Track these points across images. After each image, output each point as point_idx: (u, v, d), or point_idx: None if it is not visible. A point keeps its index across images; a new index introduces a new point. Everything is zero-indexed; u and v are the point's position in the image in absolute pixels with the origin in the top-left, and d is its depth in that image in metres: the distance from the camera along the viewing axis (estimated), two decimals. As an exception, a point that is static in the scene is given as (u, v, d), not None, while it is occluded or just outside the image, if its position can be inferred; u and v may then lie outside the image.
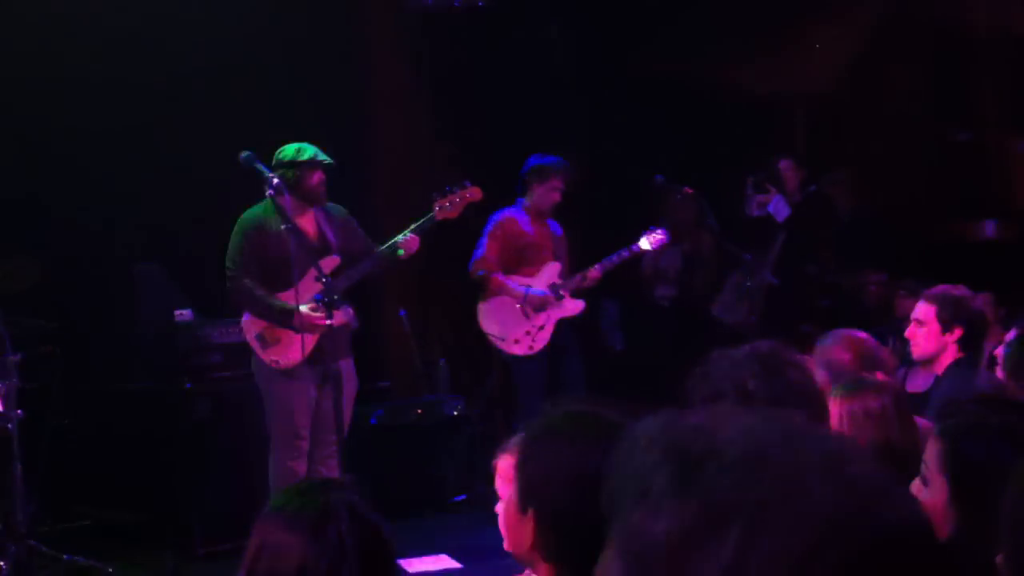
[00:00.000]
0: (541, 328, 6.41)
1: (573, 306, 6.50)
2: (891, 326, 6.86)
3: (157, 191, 6.78)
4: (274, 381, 5.37)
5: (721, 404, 2.40)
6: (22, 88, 6.46)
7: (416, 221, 5.55)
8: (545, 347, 6.41)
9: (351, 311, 5.47)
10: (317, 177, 5.38)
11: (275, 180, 5.03)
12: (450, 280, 7.97)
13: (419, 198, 7.92)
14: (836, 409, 2.92)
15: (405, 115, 8.28)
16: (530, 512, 1.70)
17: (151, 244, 6.80)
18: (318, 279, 5.01)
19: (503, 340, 6.42)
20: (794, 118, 9.22)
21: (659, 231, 6.56)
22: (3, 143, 6.40)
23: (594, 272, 6.50)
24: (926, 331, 4.14)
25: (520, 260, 6.48)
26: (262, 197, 5.16)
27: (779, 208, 7.76)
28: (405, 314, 7.76)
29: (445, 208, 5.58)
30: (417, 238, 5.48)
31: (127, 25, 6.72)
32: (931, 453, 2.20)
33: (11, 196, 6.39)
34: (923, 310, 4.20)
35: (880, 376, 3.34)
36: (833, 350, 3.72)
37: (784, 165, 7.99)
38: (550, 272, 6.48)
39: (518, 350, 6.41)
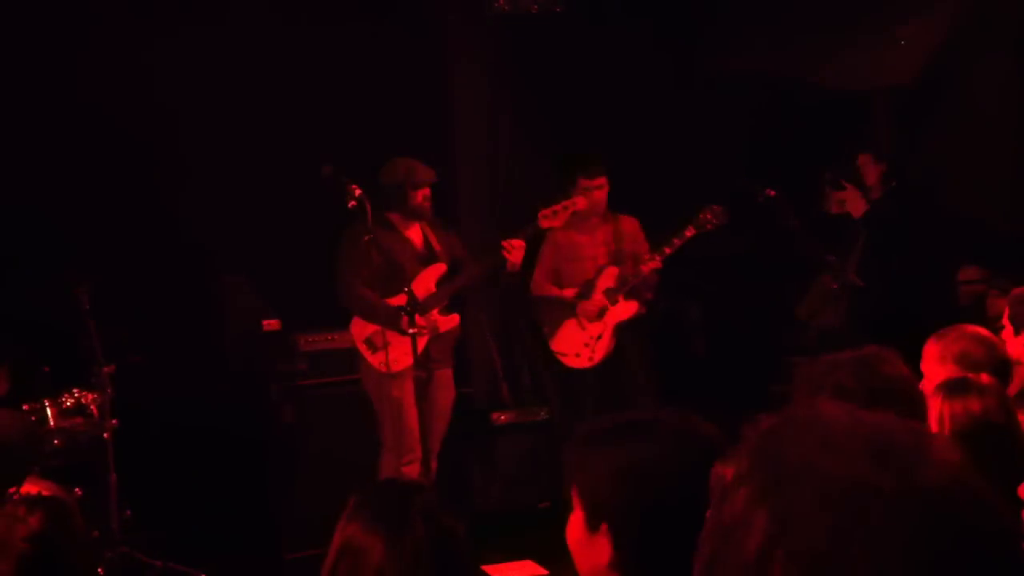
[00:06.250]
0: (599, 338, 6.21)
1: (625, 309, 6.22)
2: (984, 327, 6.69)
3: (245, 202, 6.88)
4: (384, 385, 5.45)
5: (819, 399, 2.40)
6: (113, 104, 6.62)
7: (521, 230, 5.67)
8: (607, 357, 6.21)
9: (456, 318, 5.61)
10: (421, 195, 5.53)
11: (357, 192, 5.11)
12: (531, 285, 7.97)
13: (500, 203, 7.98)
14: (938, 408, 2.88)
15: (485, 121, 8.30)
16: (603, 526, 1.66)
17: (239, 255, 6.91)
18: (403, 290, 5.10)
19: (566, 356, 6.27)
20: (876, 113, 9.04)
21: (712, 209, 6.19)
22: (93, 156, 6.56)
23: (647, 266, 6.17)
24: (1005, 333, 4.00)
25: (575, 271, 6.31)
26: (346, 209, 5.23)
27: (856, 204, 7.60)
28: (486, 320, 7.77)
29: (549, 217, 5.66)
30: (523, 243, 5.53)
31: (207, 37, 6.84)
32: None
33: (101, 208, 6.55)
34: (1004, 311, 4.09)
35: (985, 378, 3.25)
36: (960, 343, 3.57)
37: (863, 160, 7.80)
38: (606, 278, 6.26)
39: (579, 364, 6.24)
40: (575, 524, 1.70)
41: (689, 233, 6.18)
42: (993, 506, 0.87)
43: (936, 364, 3.51)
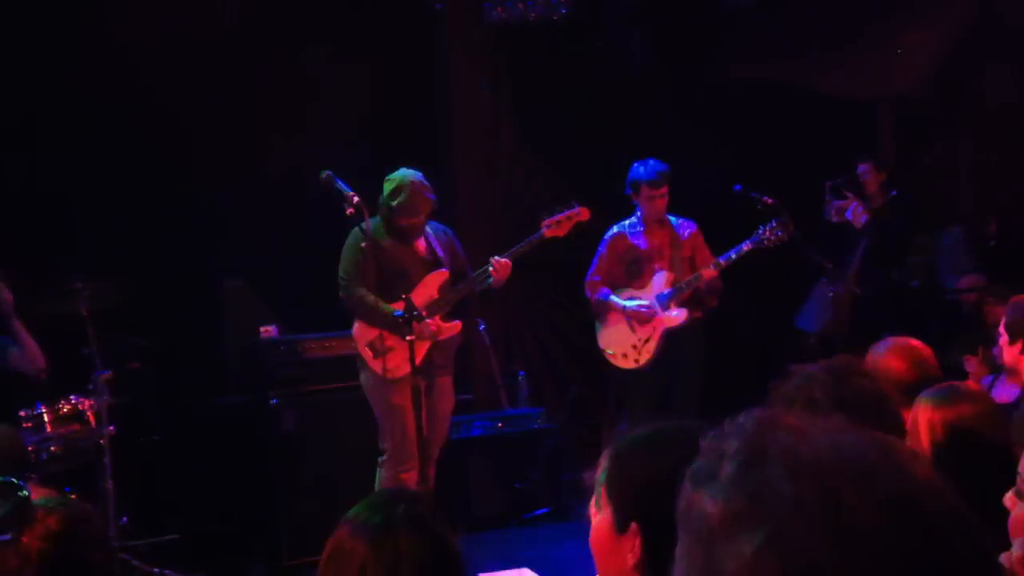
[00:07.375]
0: (647, 341, 6.29)
1: (676, 316, 6.30)
2: (982, 334, 6.69)
3: (243, 208, 6.89)
4: (385, 391, 5.46)
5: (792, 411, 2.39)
6: (113, 108, 6.62)
7: (524, 239, 5.69)
8: (653, 360, 6.29)
9: (459, 325, 5.62)
10: (407, 222, 5.51)
11: (355, 199, 5.11)
12: (530, 292, 7.98)
13: (499, 210, 7.98)
14: (927, 416, 2.86)
15: (484, 128, 8.31)
16: (632, 526, 1.66)
17: (238, 260, 6.92)
18: (401, 296, 5.11)
19: (613, 355, 6.37)
20: (881, 121, 9.05)
21: (770, 227, 6.19)
22: (93, 161, 6.55)
23: (701, 278, 6.25)
24: (1002, 341, 3.97)
25: (630, 274, 6.38)
26: (343, 215, 5.22)
27: (857, 214, 7.61)
28: (484, 327, 7.77)
29: (552, 227, 5.69)
30: (509, 263, 5.54)
31: (210, 45, 6.85)
32: None
33: (103, 214, 6.55)
34: (1002, 318, 4.06)
35: (972, 384, 3.23)
36: (886, 358, 3.52)
37: (863, 169, 7.81)
38: (658, 282, 6.33)
39: (625, 364, 6.33)
40: (602, 525, 1.70)
41: (747, 248, 6.21)
42: (960, 514, 0.88)
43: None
